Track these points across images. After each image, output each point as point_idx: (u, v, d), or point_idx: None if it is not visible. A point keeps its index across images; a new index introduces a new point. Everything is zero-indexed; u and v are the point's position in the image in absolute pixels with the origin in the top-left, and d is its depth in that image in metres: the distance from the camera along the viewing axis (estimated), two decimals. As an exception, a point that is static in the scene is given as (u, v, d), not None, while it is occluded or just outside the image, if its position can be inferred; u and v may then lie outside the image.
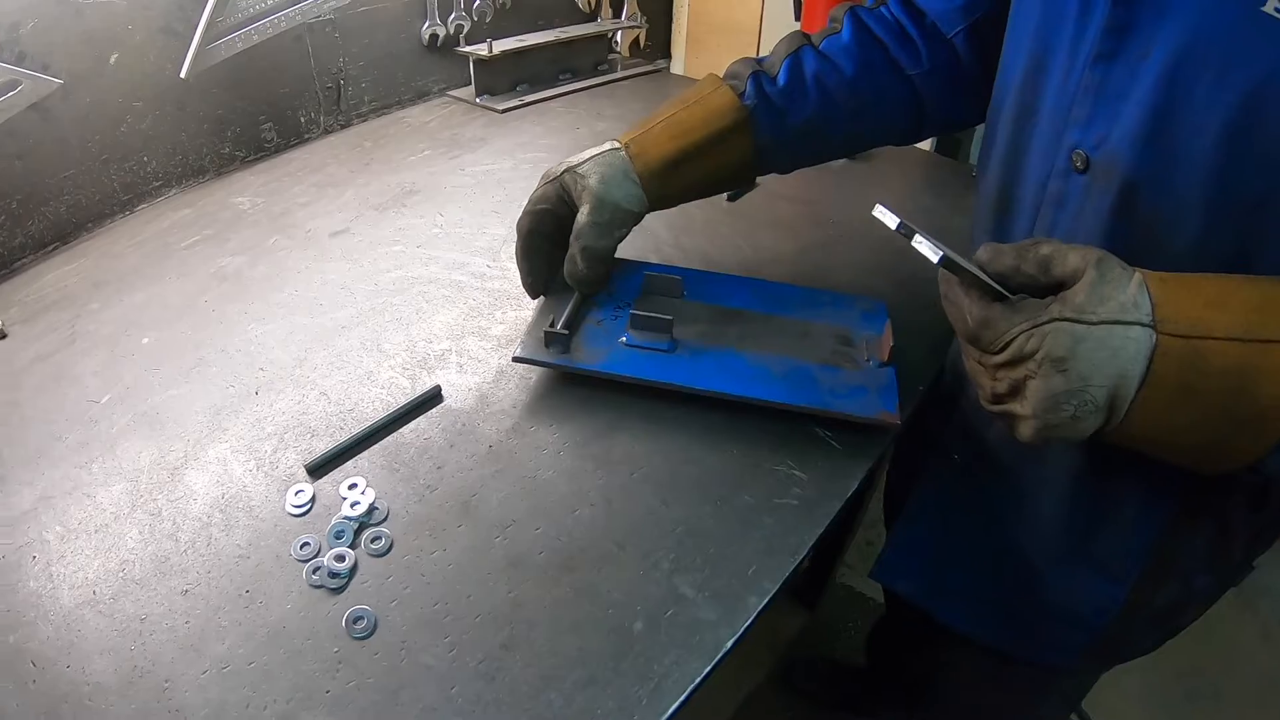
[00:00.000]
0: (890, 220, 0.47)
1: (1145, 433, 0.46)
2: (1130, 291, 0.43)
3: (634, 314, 0.68)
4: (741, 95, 0.70)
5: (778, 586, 0.53)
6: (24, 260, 0.89)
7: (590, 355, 0.67)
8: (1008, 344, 0.45)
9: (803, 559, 0.55)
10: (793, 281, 0.79)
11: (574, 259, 0.68)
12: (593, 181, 0.68)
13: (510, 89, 1.29)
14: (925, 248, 0.45)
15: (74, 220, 0.93)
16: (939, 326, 0.78)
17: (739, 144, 0.70)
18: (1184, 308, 0.43)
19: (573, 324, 0.70)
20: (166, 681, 0.48)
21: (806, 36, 0.73)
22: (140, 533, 0.57)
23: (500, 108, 1.23)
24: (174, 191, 1.02)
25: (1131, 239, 0.52)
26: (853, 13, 0.72)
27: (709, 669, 0.49)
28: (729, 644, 0.50)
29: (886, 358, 0.67)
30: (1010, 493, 0.68)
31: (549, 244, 0.71)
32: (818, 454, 0.64)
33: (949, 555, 0.76)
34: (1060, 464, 0.63)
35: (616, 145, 0.70)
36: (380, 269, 0.85)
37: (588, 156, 0.70)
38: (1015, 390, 0.46)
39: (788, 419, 0.65)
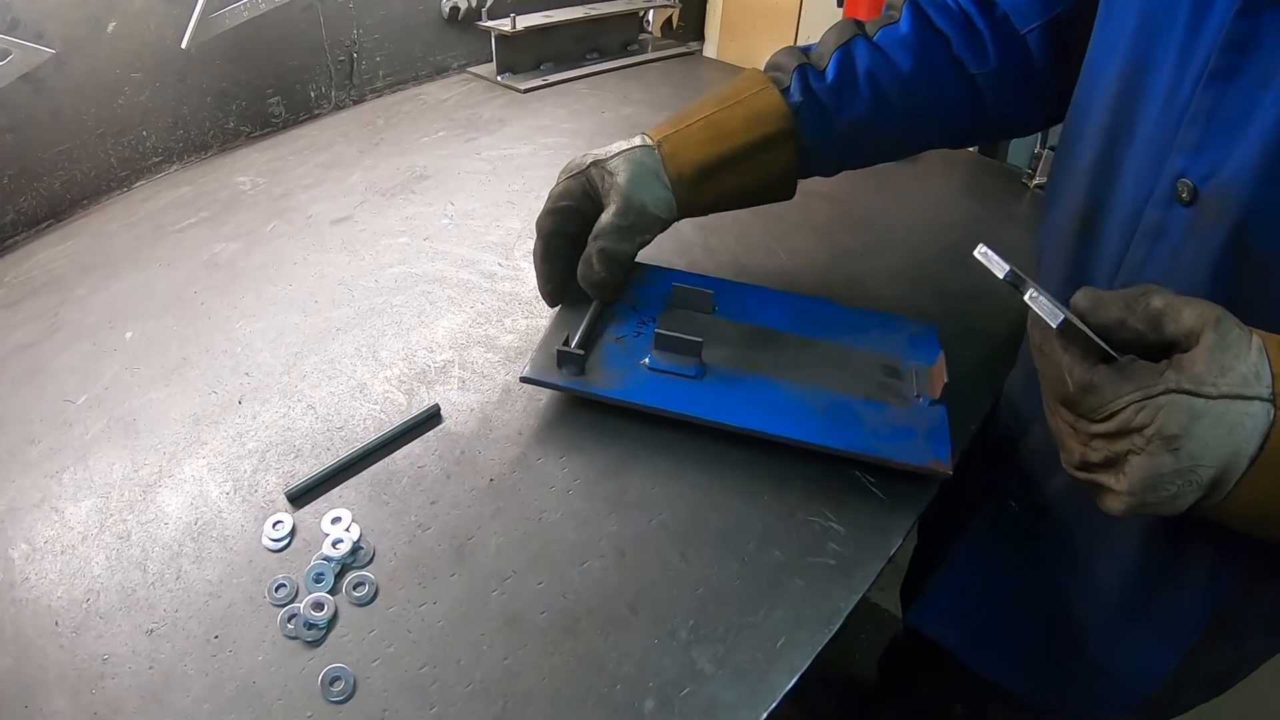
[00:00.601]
0: (998, 267, 0.40)
1: (1246, 510, 0.41)
2: (1251, 360, 0.38)
3: (659, 334, 0.62)
4: (785, 92, 0.63)
5: (808, 664, 0.47)
6: (16, 238, 0.85)
7: (607, 379, 0.61)
8: (1114, 414, 0.39)
9: (837, 631, 0.49)
10: (829, 292, 0.72)
11: (589, 260, 0.62)
12: (621, 179, 0.62)
13: (534, 67, 1.21)
14: (1043, 307, 0.38)
15: (69, 197, 0.89)
16: (991, 351, 0.72)
17: (782, 152, 0.64)
18: None
19: (590, 340, 0.63)
20: None
21: (860, 25, 0.65)
22: (107, 558, 0.52)
23: (522, 87, 1.16)
24: (175, 168, 0.97)
25: (1240, 283, 0.45)
26: (913, 1, 0.65)
27: (727, 761, 0.43)
28: (751, 732, 0.44)
29: (939, 395, 0.60)
30: (1069, 547, 0.62)
31: (570, 245, 0.65)
32: (858, 503, 0.57)
33: (993, 605, 0.70)
34: (1127, 523, 0.57)
35: (648, 141, 0.63)
36: (382, 263, 0.79)
37: (616, 151, 0.63)
38: (1111, 463, 0.41)
39: (826, 460, 0.58)
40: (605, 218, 0.62)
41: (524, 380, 0.60)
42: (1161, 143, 0.48)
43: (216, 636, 0.48)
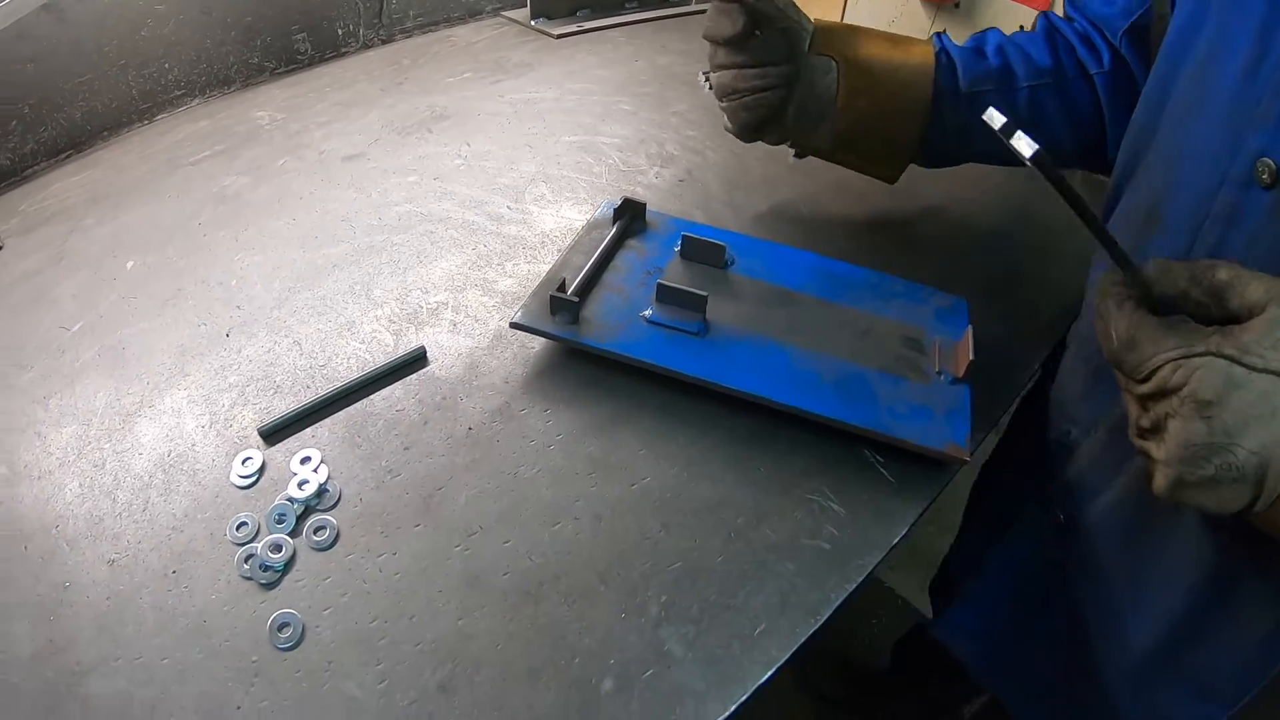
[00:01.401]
0: (996, 120, 0.37)
1: None
2: None
3: (661, 284, 0.57)
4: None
5: (786, 656, 0.42)
6: (35, 168, 0.84)
7: (602, 330, 0.57)
8: (1153, 372, 0.37)
9: (824, 623, 0.44)
10: (857, 258, 0.66)
11: None
12: None
13: (569, 13, 1.16)
14: (1021, 141, 0.35)
15: (89, 128, 0.87)
16: (1027, 335, 0.66)
17: (920, 56, 0.65)
18: None
19: (588, 288, 0.59)
20: (78, 663, 0.42)
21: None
22: (80, 485, 0.51)
23: (555, 32, 1.11)
24: (196, 101, 0.95)
25: None
26: (1045, 16, 0.69)
27: (686, 752, 0.39)
28: (716, 723, 0.40)
29: (963, 374, 0.55)
30: (1115, 574, 0.56)
31: None
32: (863, 484, 0.52)
33: (1022, 628, 0.65)
34: (1185, 555, 0.51)
35: None
36: (389, 201, 0.76)
37: None
38: (1156, 428, 0.38)
39: (832, 435, 0.54)
40: None
41: (514, 326, 0.57)
42: (1240, 119, 0.44)
43: (174, 571, 0.46)
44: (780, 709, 1.25)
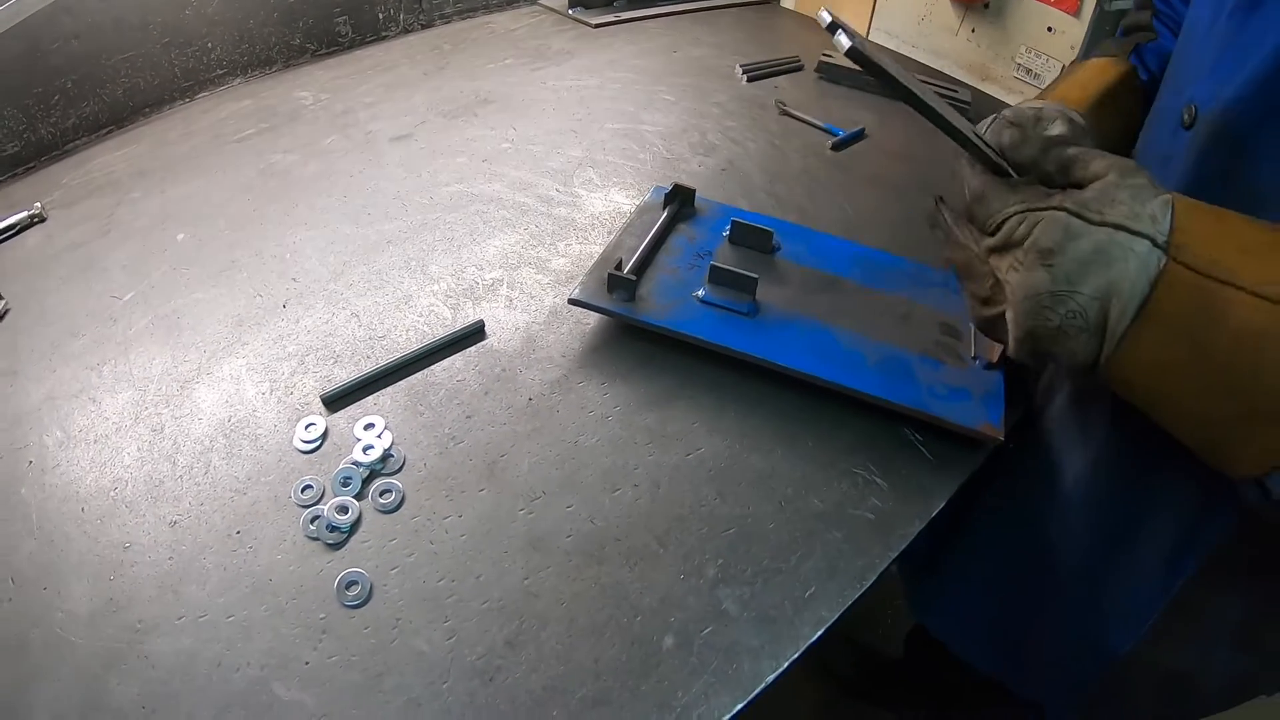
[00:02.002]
0: (823, 19, 0.39)
1: (1143, 378, 0.39)
2: (1150, 204, 0.37)
3: (714, 266, 0.59)
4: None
5: (836, 617, 0.44)
6: (76, 142, 0.85)
7: (657, 308, 0.58)
8: (1000, 225, 0.40)
9: (869, 588, 0.46)
10: (894, 248, 0.68)
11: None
12: None
13: (606, 3, 1.18)
14: (840, 39, 0.37)
15: (130, 104, 0.88)
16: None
17: (1133, 94, 0.61)
18: (1211, 243, 0.36)
19: (643, 268, 0.61)
20: (139, 622, 0.43)
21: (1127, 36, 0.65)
22: (138, 449, 0.52)
23: (593, 22, 1.12)
24: (238, 81, 0.96)
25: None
26: (1159, 20, 0.65)
27: (742, 706, 0.41)
28: (770, 679, 0.42)
29: (996, 359, 0.56)
30: (1039, 504, 0.59)
31: None
32: (903, 460, 0.54)
33: (960, 566, 0.68)
34: (1099, 479, 0.54)
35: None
36: (439, 181, 0.77)
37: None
38: (995, 299, 0.42)
39: (874, 413, 0.55)
40: None
41: (572, 302, 0.58)
42: (1186, 77, 0.48)
43: (238, 532, 0.47)
44: (795, 689, 1.27)
